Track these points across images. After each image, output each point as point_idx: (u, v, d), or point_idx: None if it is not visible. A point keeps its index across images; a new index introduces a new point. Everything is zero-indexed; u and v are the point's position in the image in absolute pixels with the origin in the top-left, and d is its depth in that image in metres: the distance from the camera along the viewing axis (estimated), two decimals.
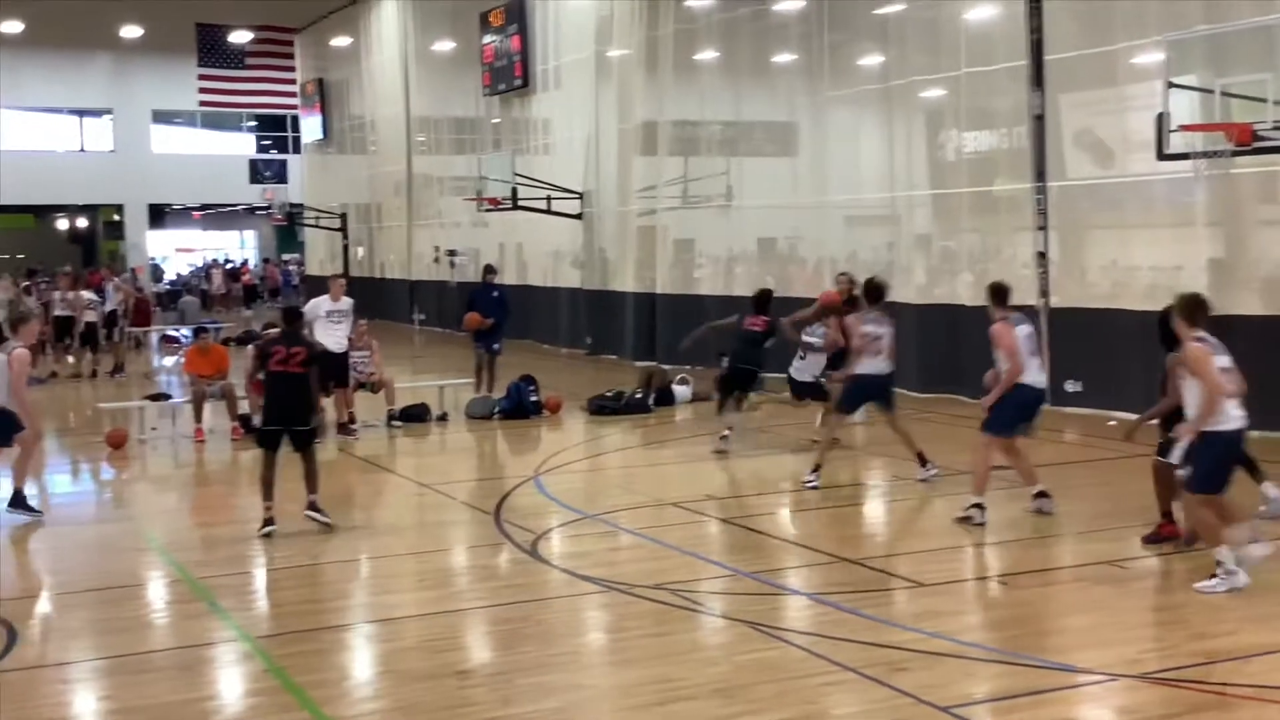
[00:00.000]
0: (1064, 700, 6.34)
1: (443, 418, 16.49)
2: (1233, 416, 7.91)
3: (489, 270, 19.10)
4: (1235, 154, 11.29)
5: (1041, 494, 10.11)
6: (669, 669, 6.82)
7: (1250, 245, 14.43)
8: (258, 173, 44.10)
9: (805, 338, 13.54)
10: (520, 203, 24.86)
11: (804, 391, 13.68)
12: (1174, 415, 8.47)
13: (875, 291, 11.86)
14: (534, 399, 16.73)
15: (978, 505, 9.87)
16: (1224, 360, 7.92)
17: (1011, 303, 10.37)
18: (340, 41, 38.43)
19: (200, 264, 51.21)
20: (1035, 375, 10.06)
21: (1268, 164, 12.98)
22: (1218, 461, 7.94)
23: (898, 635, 7.27)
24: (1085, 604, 7.83)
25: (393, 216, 36.34)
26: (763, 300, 13.94)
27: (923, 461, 11.58)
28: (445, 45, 31.70)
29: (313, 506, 10.31)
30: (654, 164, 23.11)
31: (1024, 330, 10.08)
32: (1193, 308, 8.04)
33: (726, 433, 13.59)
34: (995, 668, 6.77)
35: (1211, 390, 7.75)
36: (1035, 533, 9.79)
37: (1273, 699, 6.20)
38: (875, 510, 11.46)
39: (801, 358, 13.55)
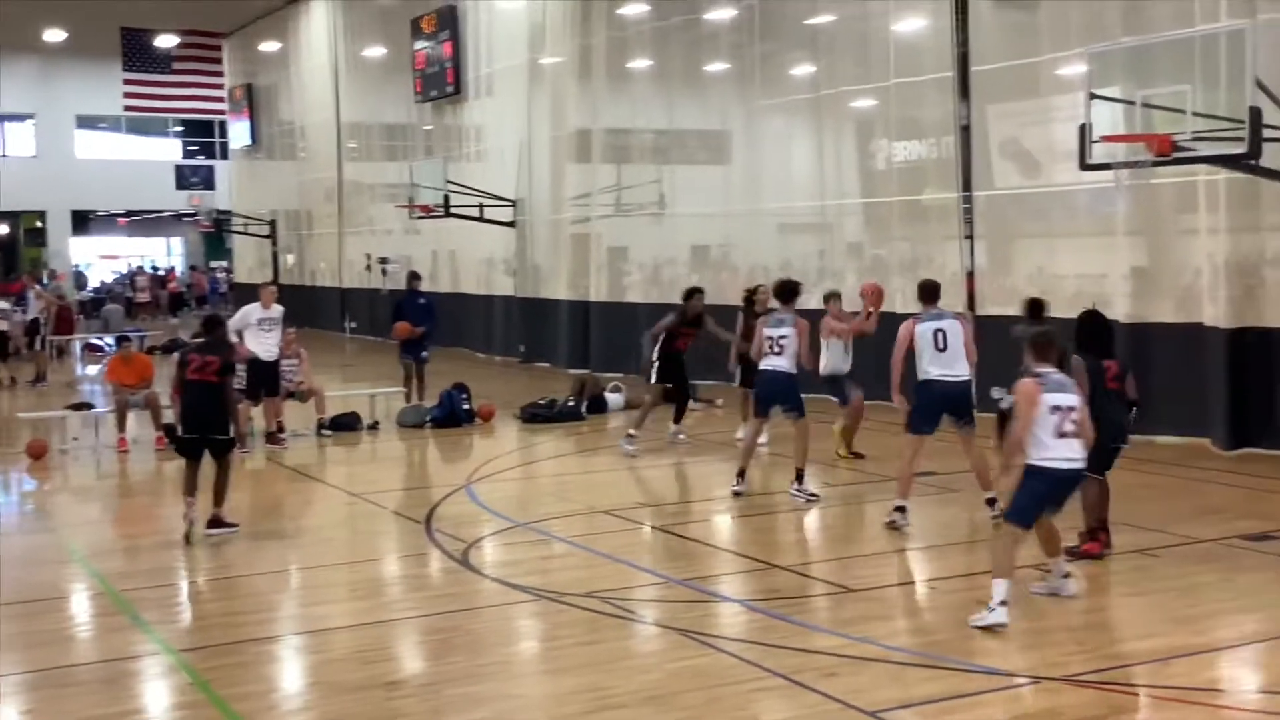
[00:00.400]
0: (991, 703, 6.42)
1: (374, 426, 16.36)
2: (1063, 456, 7.56)
3: (414, 277, 18.96)
4: (1156, 164, 11.47)
5: (991, 500, 10.10)
6: (600, 677, 6.82)
7: (1170, 254, 14.70)
8: (184, 178, 43.57)
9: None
10: (453, 210, 24.70)
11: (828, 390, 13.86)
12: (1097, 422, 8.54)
13: (783, 291, 11.80)
14: (466, 407, 16.66)
15: (900, 509, 9.97)
16: (1065, 399, 7.62)
17: (938, 302, 10.40)
18: (269, 46, 38.01)
19: (125, 271, 50.38)
20: (943, 369, 10.02)
21: (1187, 174, 13.25)
22: (1034, 497, 7.68)
23: (826, 641, 7.32)
24: (1012, 608, 7.91)
25: (323, 224, 35.97)
26: (684, 296, 14.63)
27: (799, 478, 11.45)
28: (376, 51, 31.47)
29: (215, 522, 10.22)
30: (587, 172, 23.08)
31: (927, 327, 10.03)
32: (1042, 345, 7.92)
33: (632, 432, 13.90)
34: (922, 672, 6.84)
35: (1019, 429, 7.61)
36: (963, 537, 9.91)
37: (1195, 700, 6.32)
38: (804, 516, 11.50)
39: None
